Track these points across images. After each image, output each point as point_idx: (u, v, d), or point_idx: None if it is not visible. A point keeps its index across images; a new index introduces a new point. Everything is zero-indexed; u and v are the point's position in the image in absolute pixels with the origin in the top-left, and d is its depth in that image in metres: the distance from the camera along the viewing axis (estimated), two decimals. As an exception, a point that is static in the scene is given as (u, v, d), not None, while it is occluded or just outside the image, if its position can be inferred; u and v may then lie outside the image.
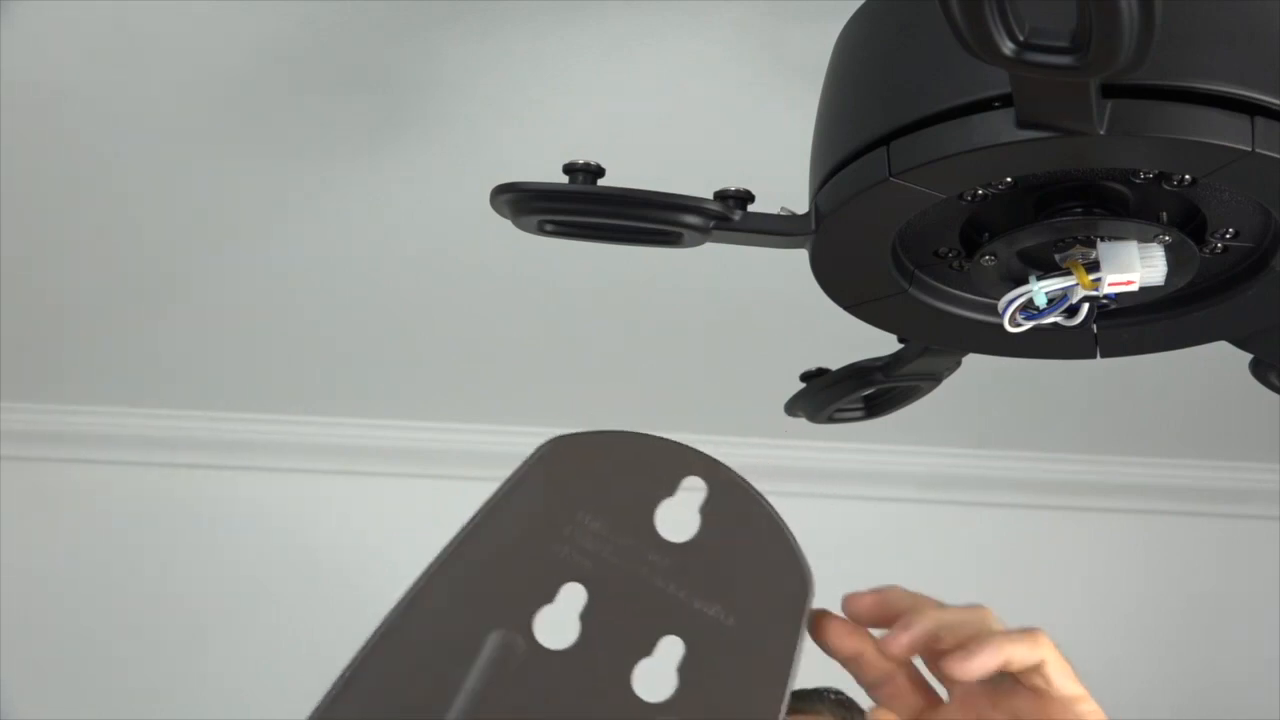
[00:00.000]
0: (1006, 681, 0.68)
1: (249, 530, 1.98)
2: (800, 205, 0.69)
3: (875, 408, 0.87)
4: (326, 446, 1.97)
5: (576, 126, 1.29)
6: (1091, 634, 1.77)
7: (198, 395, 1.91)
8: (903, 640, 0.67)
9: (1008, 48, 0.50)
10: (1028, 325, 0.66)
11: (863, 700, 0.73)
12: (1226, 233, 0.64)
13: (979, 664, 0.65)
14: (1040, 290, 0.64)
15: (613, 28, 1.18)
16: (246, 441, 1.96)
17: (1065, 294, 0.64)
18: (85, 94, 1.28)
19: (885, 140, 0.60)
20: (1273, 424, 1.86)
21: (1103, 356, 0.72)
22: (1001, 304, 0.65)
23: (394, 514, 1.97)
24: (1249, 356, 1.17)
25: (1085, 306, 0.65)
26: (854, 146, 0.62)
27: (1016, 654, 0.66)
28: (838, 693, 1.25)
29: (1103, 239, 0.63)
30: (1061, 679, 0.67)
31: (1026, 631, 0.67)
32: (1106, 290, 0.63)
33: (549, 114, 1.28)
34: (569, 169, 0.66)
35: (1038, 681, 0.66)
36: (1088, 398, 1.82)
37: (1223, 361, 1.68)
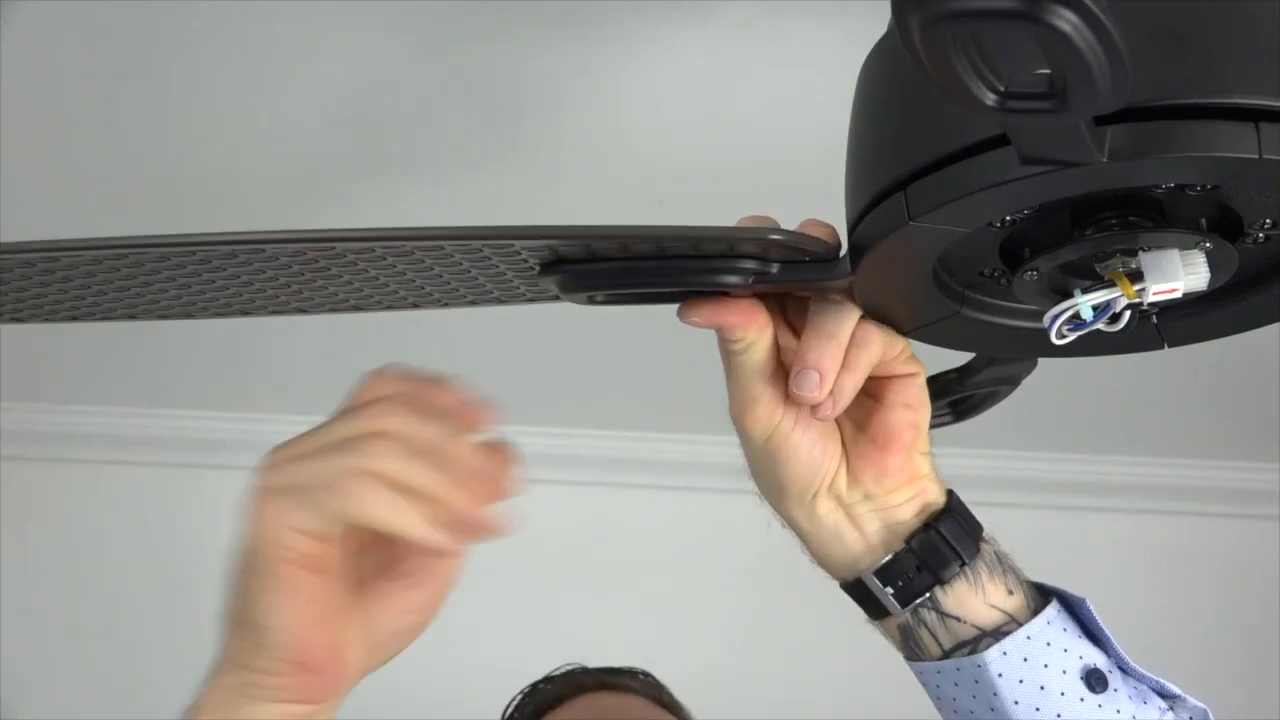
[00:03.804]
0: None
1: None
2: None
3: (962, 413, 0.88)
4: (326, 446, 1.97)
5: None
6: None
7: (198, 395, 1.91)
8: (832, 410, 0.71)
9: (990, 99, 0.50)
10: (1073, 336, 0.66)
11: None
12: (1264, 223, 0.65)
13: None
14: (1086, 303, 0.64)
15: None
16: (246, 441, 1.96)
17: (1109, 304, 0.65)
18: (85, 93, 1.28)
19: (902, 185, 0.61)
20: (1273, 424, 1.87)
21: (1170, 346, 0.72)
22: (1047, 319, 0.66)
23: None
24: (1249, 356, 1.18)
25: (1128, 314, 0.66)
26: (874, 192, 0.63)
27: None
28: (646, 674, 1.23)
29: (1143, 249, 0.63)
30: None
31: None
32: (1151, 299, 0.64)
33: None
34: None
35: None
36: (1088, 398, 1.82)
37: (1223, 362, 1.69)
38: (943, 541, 0.75)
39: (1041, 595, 0.77)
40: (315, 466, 0.59)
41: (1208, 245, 0.64)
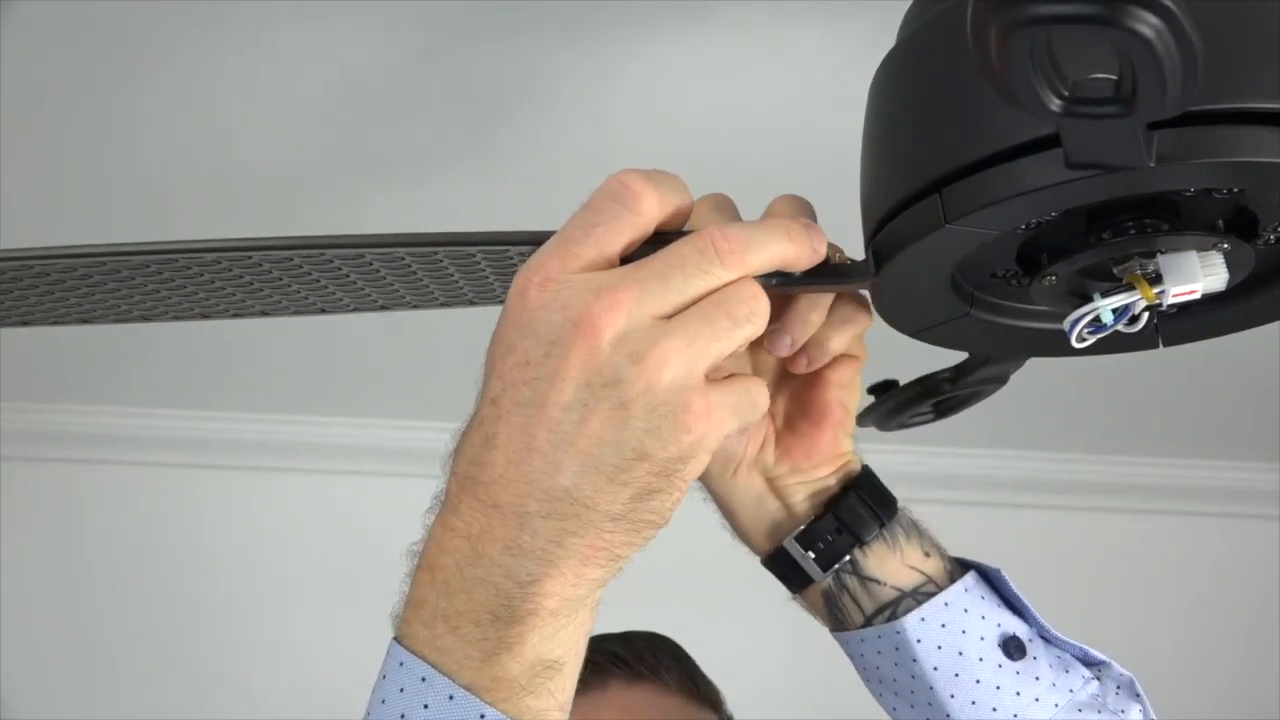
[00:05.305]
0: None
1: (249, 530, 1.98)
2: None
3: (944, 411, 0.88)
4: (326, 446, 1.97)
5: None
6: (1090, 633, 1.77)
7: (197, 395, 1.91)
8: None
9: (1055, 105, 0.50)
10: (1093, 340, 0.66)
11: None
12: (1278, 226, 0.65)
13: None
14: (1107, 308, 0.64)
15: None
16: (246, 441, 1.97)
17: (1128, 307, 0.65)
18: (85, 94, 1.28)
19: (936, 188, 0.61)
20: (1273, 424, 1.87)
21: (1165, 346, 0.72)
22: (1067, 323, 0.66)
23: (394, 514, 1.97)
24: (1249, 356, 1.18)
25: (1146, 315, 0.66)
26: (904, 194, 0.62)
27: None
28: (672, 646, 1.16)
29: (1162, 251, 0.63)
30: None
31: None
32: (1170, 300, 0.64)
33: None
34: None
35: None
36: (1088, 398, 1.82)
37: (1223, 361, 1.69)
38: (860, 503, 0.76)
39: (961, 567, 0.77)
40: (746, 385, 0.61)
41: (1225, 246, 0.64)
